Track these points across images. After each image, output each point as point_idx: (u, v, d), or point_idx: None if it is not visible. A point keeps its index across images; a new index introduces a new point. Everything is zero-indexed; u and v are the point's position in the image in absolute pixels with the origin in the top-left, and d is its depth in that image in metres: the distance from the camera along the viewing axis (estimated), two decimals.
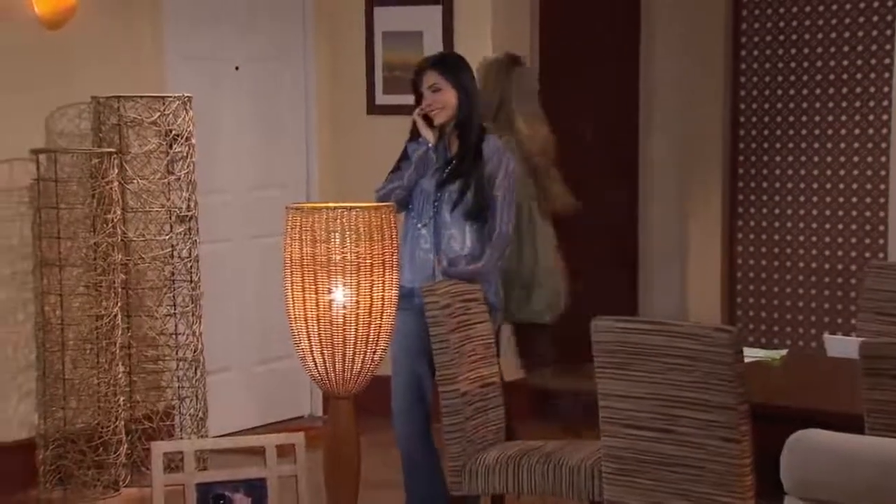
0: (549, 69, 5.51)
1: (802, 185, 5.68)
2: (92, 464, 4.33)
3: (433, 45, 5.09)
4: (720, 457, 2.65)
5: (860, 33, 5.53)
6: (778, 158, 5.73)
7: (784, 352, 3.69)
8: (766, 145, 5.76)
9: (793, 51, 5.67)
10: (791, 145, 5.70)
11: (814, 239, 5.66)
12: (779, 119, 5.72)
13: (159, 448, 3.00)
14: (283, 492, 3.08)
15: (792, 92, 5.68)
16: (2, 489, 4.26)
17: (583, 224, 5.85)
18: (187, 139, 4.51)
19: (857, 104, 5.55)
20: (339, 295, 2.74)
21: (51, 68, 4.42)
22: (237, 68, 5.10)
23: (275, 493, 3.04)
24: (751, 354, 3.24)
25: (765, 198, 5.76)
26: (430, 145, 3.56)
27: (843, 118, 5.58)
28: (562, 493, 3.19)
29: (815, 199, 5.65)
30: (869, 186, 5.54)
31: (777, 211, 5.74)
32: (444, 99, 3.55)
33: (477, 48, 5.07)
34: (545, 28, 5.50)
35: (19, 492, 4.29)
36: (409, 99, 3.67)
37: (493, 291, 3.61)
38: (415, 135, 3.62)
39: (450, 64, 3.63)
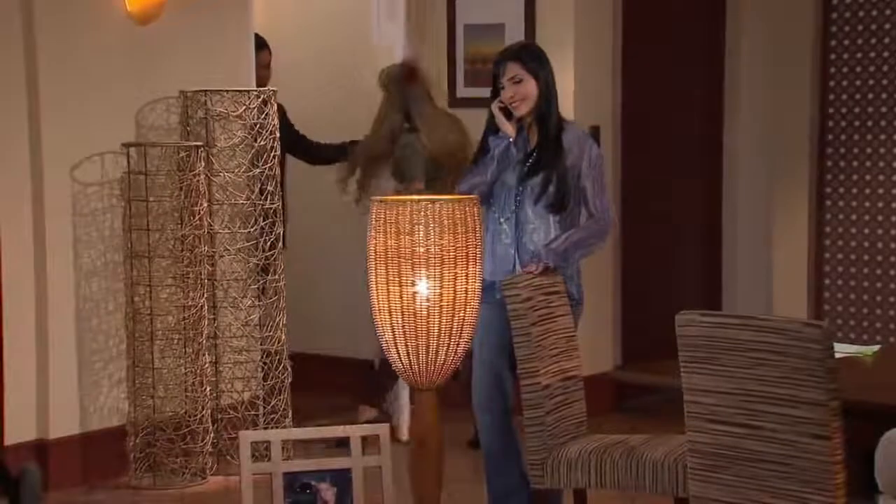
0: (631, 57, 5.47)
1: (894, 177, 5.53)
2: (180, 452, 4.42)
3: (515, 37, 5.07)
4: (809, 454, 2.60)
5: None
6: (869, 150, 5.59)
7: (877, 347, 3.61)
8: (856, 136, 5.62)
9: (886, 40, 5.53)
10: (883, 136, 5.56)
11: None
12: (870, 109, 5.57)
13: (247, 437, 3.05)
14: (367, 482, 3.11)
15: (885, 82, 5.53)
16: (95, 475, 4.38)
17: (666, 216, 5.80)
18: (272, 133, 4.57)
19: None
20: (423, 287, 2.75)
21: (141, 64, 4.52)
22: None
23: (359, 483, 3.06)
24: (842, 350, 3.17)
25: (854, 190, 5.62)
26: (510, 139, 3.54)
27: None
28: (645, 487, 3.17)
29: None
30: None
31: (867, 204, 5.60)
32: (525, 90, 3.52)
33: (560, 39, 5.05)
34: (629, 16, 5.45)
35: (111, 478, 4.40)
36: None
37: (574, 284, 3.58)
38: (492, 127, 3.60)
39: (531, 55, 3.60)
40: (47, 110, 4.28)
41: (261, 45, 5.02)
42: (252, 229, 4.56)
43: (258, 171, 4.56)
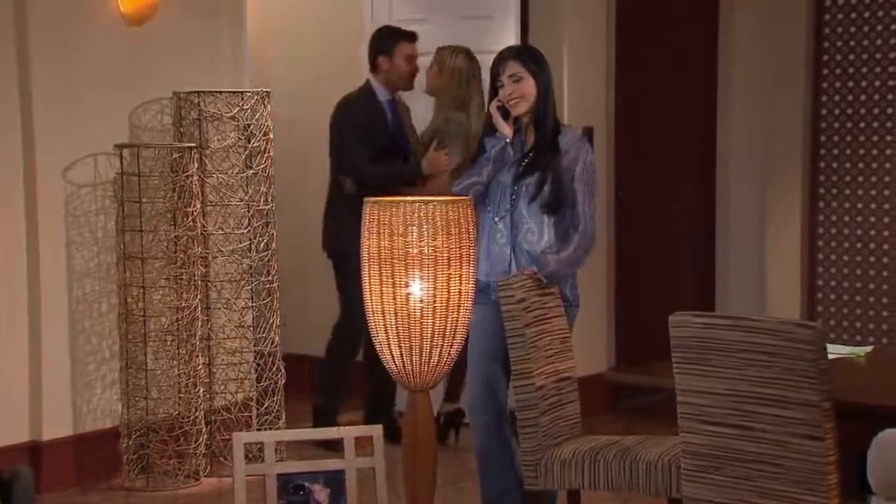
0: (624, 58, 5.48)
1: (887, 178, 5.54)
2: (173, 453, 4.41)
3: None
4: (801, 455, 2.61)
5: None
6: (861, 151, 5.60)
7: (869, 348, 3.62)
8: (848, 138, 5.63)
9: (878, 41, 5.54)
10: (875, 138, 5.57)
11: None
12: (862, 111, 5.59)
13: (240, 439, 3.04)
14: (360, 484, 3.11)
15: (877, 83, 5.55)
16: (88, 476, 4.37)
17: (660, 217, 5.81)
18: (265, 134, 4.56)
19: None
20: (417, 288, 2.75)
21: (134, 64, 4.51)
22: None
23: (352, 484, 3.06)
24: (834, 351, 3.18)
25: (847, 191, 5.64)
26: (507, 140, 3.54)
27: None
28: (639, 488, 3.17)
29: None
30: None
31: (860, 205, 5.61)
32: (524, 89, 3.53)
33: (553, 40, 5.06)
34: (622, 17, 5.46)
35: (104, 479, 4.39)
36: None
37: (569, 286, 3.58)
38: (488, 128, 3.61)
39: (532, 55, 3.61)
40: (40, 111, 4.28)
41: (403, 36, 4.82)
42: (245, 230, 4.56)
43: (251, 172, 4.55)
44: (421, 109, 5.00)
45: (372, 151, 4.72)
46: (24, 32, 4.23)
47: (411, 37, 4.87)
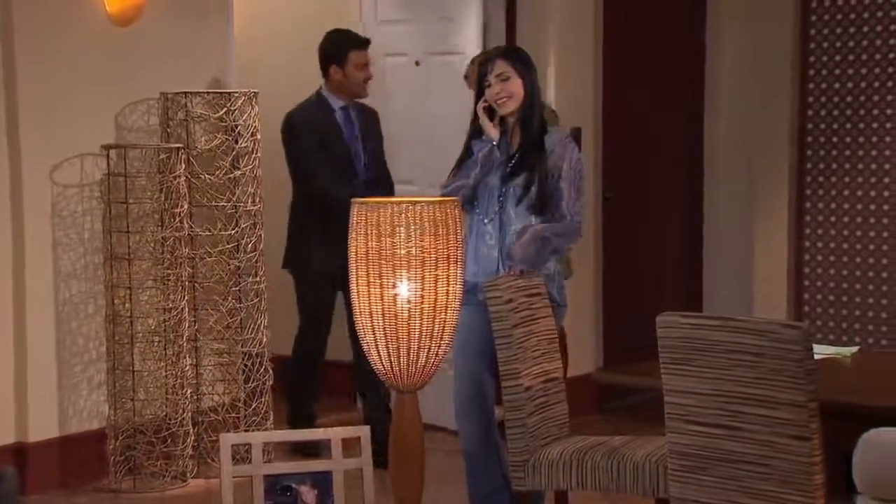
0: (612, 58, 5.49)
1: (873, 179, 5.57)
2: (160, 454, 4.40)
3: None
4: (788, 454, 2.62)
5: None
6: (847, 152, 5.62)
7: (855, 348, 3.64)
8: (834, 139, 5.65)
9: (864, 42, 5.56)
10: (862, 139, 5.59)
11: (885, 234, 5.55)
12: (848, 112, 5.61)
13: (227, 440, 3.04)
14: (348, 485, 3.11)
15: (863, 84, 5.57)
16: (74, 478, 4.36)
17: (648, 217, 5.83)
18: (253, 135, 4.55)
19: None
20: (404, 289, 2.75)
21: (121, 65, 4.50)
22: None
23: (340, 485, 3.06)
24: (820, 351, 3.19)
25: (833, 192, 5.66)
26: (494, 142, 3.55)
27: None
28: (626, 489, 3.18)
29: (885, 192, 5.53)
30: None
31: (847, 205, 5.63)
32: (511, 88, 3.53)
33: (541, 41, 5.07)
34: (609, 18, 5.47)
35: (91, 481, 4.38)
36: None
37: (556, 287, 3.59)
38: (477, 130, 3.61)
39: (519, 56, 3.62)
40: (26, 112, 4.26)
41: (354, 44, 4.69)
42: (233, 231, 4.55)
43: (239, 173, 4.54)
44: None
45: (327, 161, 4.60)
46: (10, 32, 4.22)
47: (363, 44, 4.72)
